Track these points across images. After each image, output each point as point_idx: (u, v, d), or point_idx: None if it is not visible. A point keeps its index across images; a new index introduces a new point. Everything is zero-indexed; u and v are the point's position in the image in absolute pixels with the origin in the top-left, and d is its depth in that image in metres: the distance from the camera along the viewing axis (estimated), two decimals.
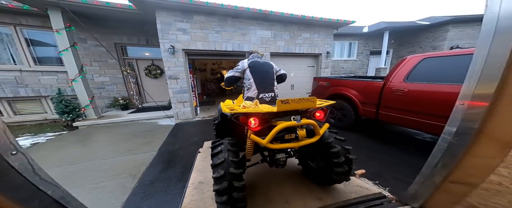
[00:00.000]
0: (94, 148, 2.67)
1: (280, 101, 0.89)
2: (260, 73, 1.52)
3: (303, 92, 5.90)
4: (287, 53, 5.11)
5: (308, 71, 5.77)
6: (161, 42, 3.66)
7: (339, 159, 1.09)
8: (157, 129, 3.66)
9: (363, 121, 3.66)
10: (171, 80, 3.94)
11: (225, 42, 4.31)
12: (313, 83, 4.08)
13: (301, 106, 0.95)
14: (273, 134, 0.92)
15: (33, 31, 4.09)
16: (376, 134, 3.03)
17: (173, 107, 4.13)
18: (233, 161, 0.96)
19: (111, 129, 3.65)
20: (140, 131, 3.53)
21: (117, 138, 3.08)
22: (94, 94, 4.86)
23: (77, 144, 2.81)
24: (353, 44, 8.64)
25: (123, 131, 3.51)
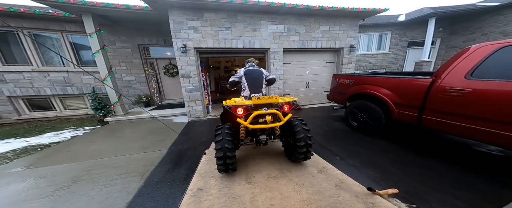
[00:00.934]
0: (115, 143, 3.02)
1: (254, 98, 1.54)
2: (252, 79, 2.16)
3: (320, 90, 5.47)
4: (302, 48, 4.78)
5: (326, 68, 5.30)
6: (174, 41, 3.86)
7: (300, 142, 1.65)
8: (172, 126, 3.91)
9: (397, 126, 3.16)
10: (183, 78, 4.15)
11: (235, 39, 4.28)
12: (332, 80, 3.71)
13: (267, 101, 1.57)
14: (251, 118, 1.55)
15: (76, 36, 4.86)
16: (415, 143, 2.53)
17: (186, 105, 4.35)
18: (228, 139, 1.57)
19: (133, 125, 4.09)
20: (156, 128, 3.84)
21: (136, 135, 3.42)
22: (123, 92, 5.63)
23: (103, 139, 3.23)
24: (384, 35, 7.53)
25: (142, 128, 3.89)
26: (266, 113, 1.57)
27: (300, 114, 4.51)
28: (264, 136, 1.74)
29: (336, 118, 4.05)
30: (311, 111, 4.87)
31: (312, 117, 4.25)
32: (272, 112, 1.59)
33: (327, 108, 4.99)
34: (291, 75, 5.14)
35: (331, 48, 4.99)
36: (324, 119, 4.00)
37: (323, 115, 4.35)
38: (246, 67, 2.30)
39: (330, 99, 3.85)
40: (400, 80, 2.35)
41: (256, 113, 1.56)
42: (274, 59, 4.69)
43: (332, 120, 3.88)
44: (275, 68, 4.76)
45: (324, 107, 5.20)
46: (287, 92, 5.26)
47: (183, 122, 4.26)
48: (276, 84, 4.87)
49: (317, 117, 4.21)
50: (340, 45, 4.99)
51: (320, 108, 5.07)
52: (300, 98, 5.37)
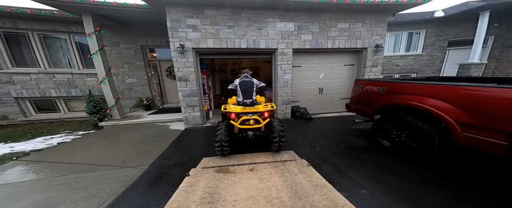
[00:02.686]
0: (97, 154, 2.80)
1: (242, 107, 2.45)
2: (244, 87, 2.65)
3: (335, 97, 4.83)
4: (315, 49, 4.24)
5: (344, 71, 4.66)
6: (171, 41, 3.64)
7: (276, 138, 2.37)
8: (165, 135, 3.67)
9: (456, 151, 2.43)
10: (180, 82, 3.89)
11: (238, 39, 3.93)
12: (354, 87, 3.11)
13: (251, 110, 2.38)
14: (239, 121, 2.31)
15: (82, 37, 4.99)
16: (491, 182, 1.82)
17: (183, 111, 4.09)
18: (223, 133, 2.31)
19: (126, 131, 3.93)
20: (149, 135, 3.62)
21: (124, 144, 3.21)
22: (124, 95, 5.54)
23: (87, 147, 3.05)
24: (416, 34, 6.57)
25: (135, 135, 3.69)
26: (249, 118, 2.31)
27: (311, 126, 3.94)
28: (251, 132, 2.45)
29: (357, 132, 3.41)
30: (324, 121, 4.26)
31: (326, 129, 3.66)
32: (254, 118, 2.32)
33: (345, 119, 4.33)
34: (301, 80, 4.60)
35: (351, 48, 4.36)
36: (342, 133, 3.39)
37: (339, 128, 3.73)
38: (241, 78, 2.83)
39: (351, 109, 3.24)
40: (474, 90, 1.69)
41: (243, 118, 2.31)
42: (282, 61, 4.22)
43: (351, 135, 3.26)
44: (283, 71, 4.28)
45: (341, 117, 4.54)
46: (296, 99, 4.73)
47: (179, 130, 3.99)
48: (284, 89, 4.38)
49: (332, 130, 3.61)
50: (363, 45, 4.34)
51: (336, 119, 4.43)
52: (312, 106, 4.78)
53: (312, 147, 2.83)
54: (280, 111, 4.54)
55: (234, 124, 2.33)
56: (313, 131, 3.63)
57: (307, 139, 3.16)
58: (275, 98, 4.57)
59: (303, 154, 2.57)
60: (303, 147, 2.84)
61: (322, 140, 3.12)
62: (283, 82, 4.34)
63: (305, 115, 4.43)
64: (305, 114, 4.43)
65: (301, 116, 4.44)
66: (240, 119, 2.29)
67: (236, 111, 2.34)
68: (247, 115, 2.31)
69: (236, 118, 2.34)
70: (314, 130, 3.69)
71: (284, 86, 4.37)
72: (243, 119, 2.28)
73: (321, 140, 3.12)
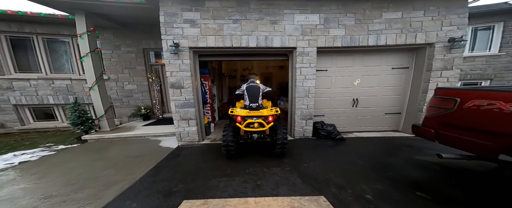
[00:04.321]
0: (50, 182, 2.22)
1: (247, 111, 2.57)
2: (251, 92, 2.84)
3: (377, 112, 3.68)
4: (349, 47, 3.26)
5: (391, 77, 3.55)
6: (164, 39, 3.07)
7: (279, 142, 2.51)
8: (149, 155, 2.99)
9: None
10: (173, 89, 3.25)
11: (246, 35, 3.20)
12: (435, 101, 1.93)
13: (256, 114, 2.52)
14: (245, 124, 2.48)
15: None
16: None
17: (175, 125, 3.40)
18: (230, 134, 2.53)
19: (109, 148, 3.38)
20: (130, 155, 2.98)
21: (95, 167, 2.60)
22: (123, 102, 5.18)
23: (49, 169, 2.50)
24: (486, 30, 5.07)
25: (115, 153, 3.11)
26: (254, 121, 2.53)
27: (345, 152, 2.84)
28: (256, 135, 2.67)
29: (431, 168, 2.25)
30: (363, 144, 3.15)
31: (371, 158, 2.57)
32: (259, 121, 2.52)
33: (396, 143, 3.17)
34: (328, 88, 3.60)
35: (405, 45, 3.24)
36: (402, 168, 2.28)
37: (394, 157, 2.59)
38: (248, 83, 2.95)
39: (427, 135, 1.99)
40: None
41: (248, 121, 2.53)
42: (303, 63, 3.32)
43: (423, 172, 2.15)
44: (304, 76, 3.36)
45: (387, 139, 3.37)
46: (320, 113, 3.71)
47: (169, 148, 3.30)
48: (304, 100, 3.43)
49: (383, 160, 2.50)
50: (427, 40, 3.18)
51: (380, 142, 3.27)
52: (341, 123, 3.70)
53: (359, 192, 1.82)
54: (298, 129, 3.56)
55: (239, 126, 2.56)
56: (351, 160, 2.58)
57: (345, 175, 2.16)
58: (292, 111, 3.62)
59: (346, 205, 1.60)
60: (342, 191, 1.86)
61: (371, 178, 2.09)
62: (303, 90, 3.40)
63: (333, 134, 3.36)
64: (334, 133, 3.37)
65: (328, 135, 3.38)
66: (245, 122, 2.54)
67: (242, 114, 2.56)
68: (252, 118, 2.54)
69: (242, 121, 2.57)
70: (352, 158, 2.63)
71: (305, 96, 3.42)
72: (248, 122, 2.52)
73: (370, 178, 2.09)
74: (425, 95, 3.27)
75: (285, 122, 3.92)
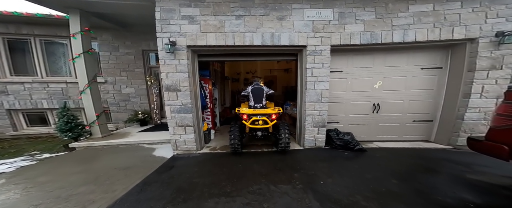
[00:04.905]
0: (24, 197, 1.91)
1: (253, 109, 2.94)
2: (255, 94, 3.15)
3: (403, 119, 3.24)
4: (369, 45, 2.87)
5: (420, 79, 3.10)
6: (159, 37, 2.81)
7: (281, 139, 2.79)
8: (139, 166, 2.66)
9: None
10: (169, 93, 2.94)
11: (250, 33, 2.90)
12: (506, 107, 1.53)
13: (260, 112, 2.86)
14: (250, 121, 2.84)
15: None
16: None
17: (171, 132, 3.07)
18: (236, 131, 2.86)
19: (97, 157, 3.08)
20: (117, 166, 2.66)
21: (73, 180, 2.28)
22: (120, 107, 4.91)
23: (27, 183, 2.19)
24: None
25: (100, 164, 2.79)
26: (259, 119, 2.86)
27: (369, 166, 2.38)
28: (260, 132, 2.98)
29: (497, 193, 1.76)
30: (389, 156, 2.71)
31: (403, 177, 2.08)
32: (263, 119, 2.85)
33: (431, 156, 2.70)
34: (343, 91, 3.21)
35: (439, 41, 2.79)
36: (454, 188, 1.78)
37: (437, 175, 2.10)
38: (252, 85, 3.26)
39: (499, 153, 1.55)
40: None
41: (254, 118, 2.86)
42: (314, 62, 2.95)
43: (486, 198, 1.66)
44: (316, 78, 2.99)
45: (418, 150, 2.91)
46: (334, 120, 3.30)
47: (163, 158, 2.97)
48: (316, 105, 3.04)
49: (423, 179, 2.01)
50: (467, 35, 2.73)
51: (411, 153, 2.81)
52: (360, 131, 3.26)
53: None
54: (308, 137, 3.15)
55: (245, 124, 2.88)
56: (380, 177, 2.15)
57: (379, 199, 1.73)
58: (301, 117, 3.22)
59: None
60: None
61: (416, 204, 1.64)
62: (315, 94, 3.01)
63: (351, 144, 2.92)
64: (352, 143, 2.93)
65: (345, 145, 2.95)
66: (251, 119, 2.85)
67: (248, 113, 2.88)
68: (257, 116, 2.85)
69: (248, 118, 2.87)
70: (381, 174, 2.20)
71: (317, 100, 3.03)
72: (253, 119, 2.84)
73: (415, 204, 1.64)
74: (467, 99, 2.79)
75: (293, 129, 3.66)
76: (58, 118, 3.30)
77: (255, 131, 2.95)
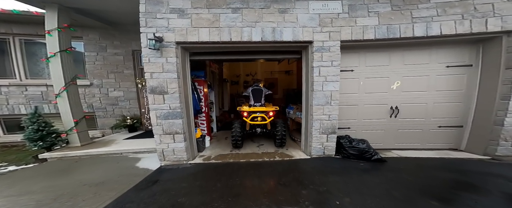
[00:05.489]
0: None
1: (252, 107, 3.38)
2: (255, 94, 3.51)
3: (426, 124, 2.85)
4: (386, 40, 2.53)
5: (445, 78, 2.72)
6: (143, 32, 2.46)
7: (278, 135, 3.15)
8: (117, 181, 2.26)
9: None
10: (154, 95, 2.56)
11: (248, 27, 2.56)
12: None
13: (259, 109, 3.29)
14: (250, 117, 3.27)
15: None
16: None
17: (157, 140, 2.67)
18: (238, 129, 3.16)
19: (71, 169, 2.67)
20: (89, 182, 2.24)
21: (31, 200, 1.86)
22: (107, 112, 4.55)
23: None
24: None
25: (74, 178, 2.38)
26: (258, 116, 3.24)
27: (398, 182, 1.97)
28: (259, 129, 3.40)
29: None
30: (415, 167, 2.30)
31: (443, 196, 1.63)
32: (261, 115, 3.23)
33: (464, 167, 2.29)
34: (355, 93, 2.85)
35: (470, 34, 2.42)
36: None
37: (504, 204, 1.67)
38: (252, 87, 3.63)
39: None
40: None
41: (253, 115, 3.24)
42: (322, 60, 2.60)
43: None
44: (324, 77, 2.63)
45: (448, 161, 2.50)
46: (345, 125, 2.93)
47: (148, 170, 2.57)
48: (324, 109, 2.68)
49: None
50: (504, 27, 2.33)
51: (439, 164, 2.41)
52: (375, 137, 2.89)
53: None
54: (316, 145, 2.78)
55: (246, 120, 3.30)
56: (413, 196, 1.74)
57: None
58: (308, 123, 2.84)
59: None
60: None
61: None
62: (323, 96, 2.64)
63: (368, 153, 2.53)
64: (369, 152, 2.54)
65: (360, 154, 2.56)
66: (250, 116, 3.27)
67: (248, 110, 3.31)
68: (256, 113, 3.27)
69: (248, 115, 3.29)
70: (413, 193, 1.82)
71: (326, 103, 2.65)
72: (253, 116, 3.26)
73: None
74: (506, 102, 2.39)
75: (296, 134, 3.63)
76: (26, 125, 2.89)
77: (254, 128, 3.41)
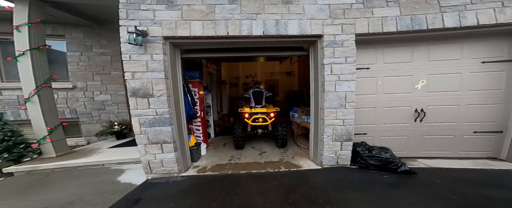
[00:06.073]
0: None
1: (253, 109, 3.46)
2: (256, 96, 3.57)
3: (459, 129, 2.46)
4: (409, 32, 2.18)
5: (482, 77, 2.34)
6: (124, 25, 2.09)
7: (279, 135, 3.24)
8: (90, 200, 1.86)
9: None
10: (137, 98, 2.18)
11: (248, 20, 2.23)
12: None
13: (260, 111, 3.38)
14: (251, 119, 3.38)
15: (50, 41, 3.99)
16: None
17: (141, 150, 2.29)
18: (239, 130, 3.27)
19: (35, 186, 2.26)
20: (53, 204, 1.83)
21: None
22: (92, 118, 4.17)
23: None
24: None
25: (36, 198, 1.96)
26: (259, 117, 3.34)
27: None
28: (260, 130, 3.45)
29: None
30: (454, 181, 1.90)
31: None
32: (262, 116, 3.33)
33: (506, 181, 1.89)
34: (372, 94, 2.50)
35: (510, 24, 2.08)
36: None
37: None
38: (253, 88, 3.71)
39: None
40: None
41: (254, 116, 3.35)
42: (334, 56, 2.26)
43: None
44: (337, 76, 2.28)
45: (492, 173, 2.12)
46: (361, 131, 2.55)
47: (131, 185, 2.20)
48: (338, 112, 2.32)
49: None
50: None
51: (483, 176, 2.03)
52: (397, 144, 2.54)
53: None
54: (328, 154, 2.43)
55: (247, 121, 3.40)
56: None
57: None
58: (318, 129, 2.49)
59: None
60: None
61: None
62: (336, 98, 2.29)
63: (393, 164, 2.16)
64: (394, 163, 2.17)
65: (383, 165, 2.19)
66: (252, 117, 3.36)
67: (249, 112, 3.39)
68: (257, 114, 3.36)
69: (249, 117, 3.39)
70: None
71: (340, 105, 2.29)
72: (254, 117, 3.35)
73: None
74: None
75: (303, 140, 3.44)
76: None
77: (256, 129, 3.47)
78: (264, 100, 3.54)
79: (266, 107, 3.51)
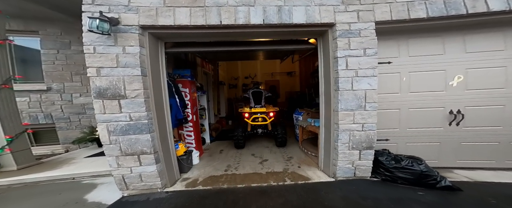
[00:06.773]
0: None
1: (253, 109, 3.51)
2: (255, 96, 3.66)
3: (505, 135, 2.03)
4: (443, 18, 1.78)
5: None
6: (86, 11, 1.68)
7: (279, 135, 3.35)
8: None
9: None
10: (103, 101, 1.75)
11: (245, 6, 1.86)
12: None
13: (259, 110, 3.44)
14: (251, 118, 3.45)
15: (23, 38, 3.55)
16: None
17: (112, 163, 1.85)
18: (240, 130, 3.38)
19: None
20: None
21: None
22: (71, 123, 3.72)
23: None
24: None
25: None
26: (258, 116, 3.42)
27: None
28: (260, 130, 3.55)
29: None
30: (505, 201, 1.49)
31: None
32: (262, 116, 3.42)
33: None
34: (396, 93, 2.11)
35: None
36: None
37: None
38: (253, 89, 3.81)
39: None
40: None
41: (254, 116, 3.42)
42: (350, 48, 1.88)
43: None
44: (354, 72, 1.90)
45: None
46: (381, 136, 2.15)
47: (101, 205, 1.80)
48: (356, 115, 1.92)
49: None
50: None
51: None
52: (427, 152, 2.10)
53: None
54: (343, 164, 2.03)
55: (247, 121, 3.47)
56: None
57: None
58: (331, 134, 2.09)
59: None
60: None
61: None
62: (353, 98, 1.90)
63: (430, 177, 1.76)
64: (431, 176, 1.75)
65: (417, 179, 1.78)
66: (251, 117, 3.42)
67: (249, 111, 3.46)
68: (257, 114, 3.43)
69: (249, 116, 3.45)
70: None
71: (357, 107, 1.90)
72: (254, 117, 3.42)
73: None
74: None
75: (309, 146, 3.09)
76: None
77: (255, 128, 3.56)
78: (264, 100, 3.64)
79: (266, 107, 3.57)
